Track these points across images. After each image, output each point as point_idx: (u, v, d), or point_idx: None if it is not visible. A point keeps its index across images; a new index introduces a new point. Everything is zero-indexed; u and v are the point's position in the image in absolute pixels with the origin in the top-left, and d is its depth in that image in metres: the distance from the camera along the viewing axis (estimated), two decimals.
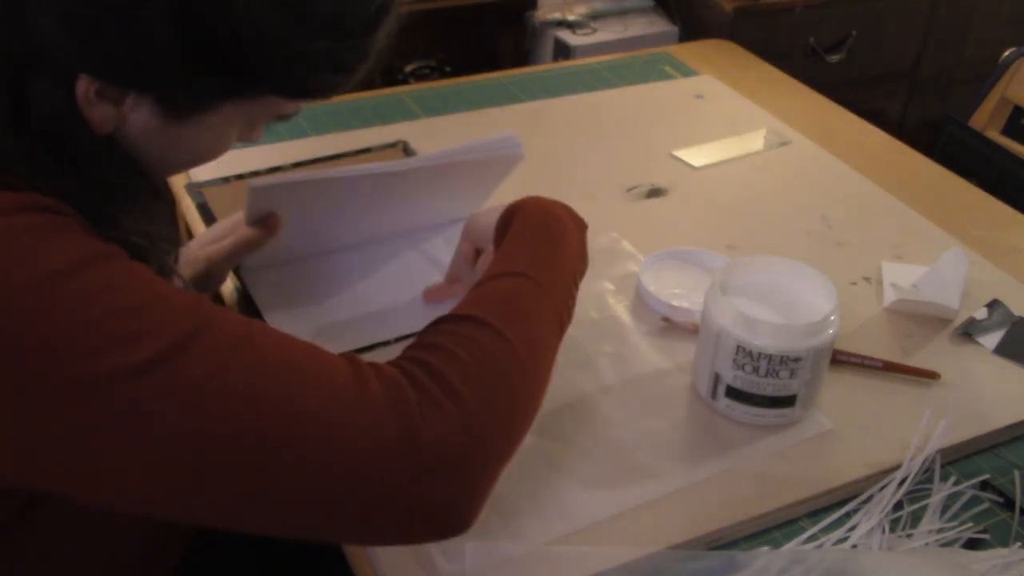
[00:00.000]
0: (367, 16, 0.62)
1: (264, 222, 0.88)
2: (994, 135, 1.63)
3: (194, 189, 1.07)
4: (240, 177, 1.11)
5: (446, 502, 0.57)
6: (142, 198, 0.64)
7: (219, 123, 0.63)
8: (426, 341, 0.63)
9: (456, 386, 0.58)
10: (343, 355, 0.59)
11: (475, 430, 0.58)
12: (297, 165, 1.15)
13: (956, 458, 0.82)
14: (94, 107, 0.59)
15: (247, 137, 0.70)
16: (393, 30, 0.66)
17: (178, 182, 1.12)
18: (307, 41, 0.59)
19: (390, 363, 0.60)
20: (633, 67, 1.47)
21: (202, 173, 1.11)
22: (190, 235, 1.02)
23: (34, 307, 0.51)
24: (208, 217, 1.03)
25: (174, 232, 0.71)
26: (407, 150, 1.19)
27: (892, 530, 0.75)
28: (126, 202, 0.62)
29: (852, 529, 0.75)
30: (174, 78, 0.58)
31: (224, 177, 1.11)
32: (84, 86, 0.57)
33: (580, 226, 0.81)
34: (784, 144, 1.27)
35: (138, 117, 0.61)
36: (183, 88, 0.59)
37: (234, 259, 0.89)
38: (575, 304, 0.74)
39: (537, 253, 0.73)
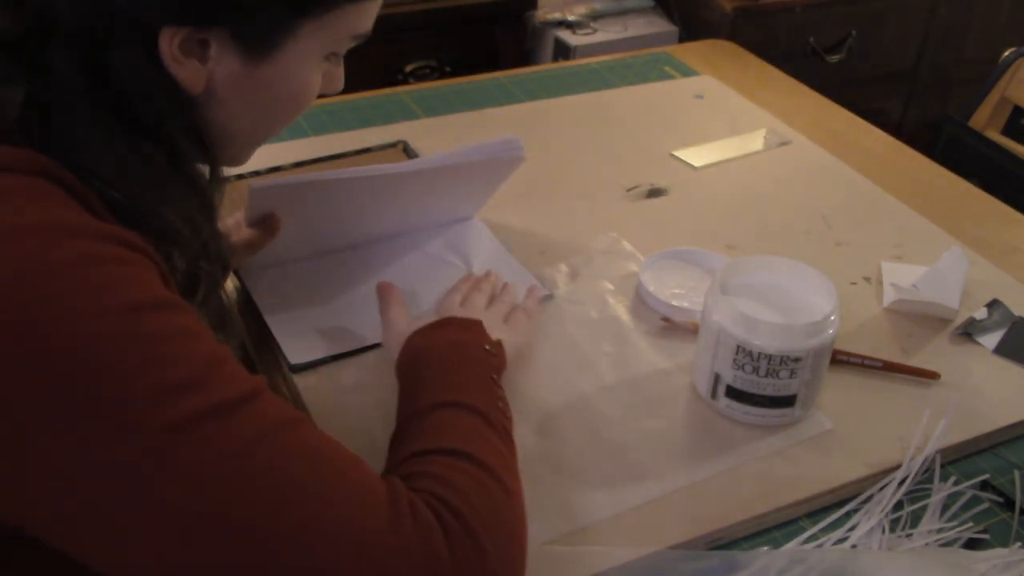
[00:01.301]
0: None
1: (264, 223, 0.88)
2: (994, 135, 1.63)
3: None
4: (240, 177, 1.11)
5: None
6: (203, 188, 0.65)
7: (299, 57, 0.63)
8: (437, 477, 0.59)
9: (480, 535, 0.56)
10: (386, 478, 0.57)
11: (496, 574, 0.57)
12: (297, 165, 1.15)
13: (956, 458, 0.82)
14: (182, 65, 0.59)
15: (329, 86, 0.70)
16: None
17: None
18: None
19: (416, 495, 0.57)
20: (633, 67, 1.47)
21: None
22: None
23: (110, 333, 0.49)
24: None
25: (220, 244, 0.69)
26: (407, 150, 1.19)
27: (892, 530, 0.75)
28: (192, 190, 0.62)
29: (852, 529, 0.75)
30: (245, 1, 0.59)
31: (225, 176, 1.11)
32: (167, 42, 0.57)
33: (471, 328, 0.78)
34: (784, 144, 1.27)
35: (224, 68, 0.61)
36: (255, 10, 0.60)
37: (235, 261, 0.89)
38: (508, 409, 0.72)
39: (453, 382, 0.71)
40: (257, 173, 1.12)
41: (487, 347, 0.76)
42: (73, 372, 0.48)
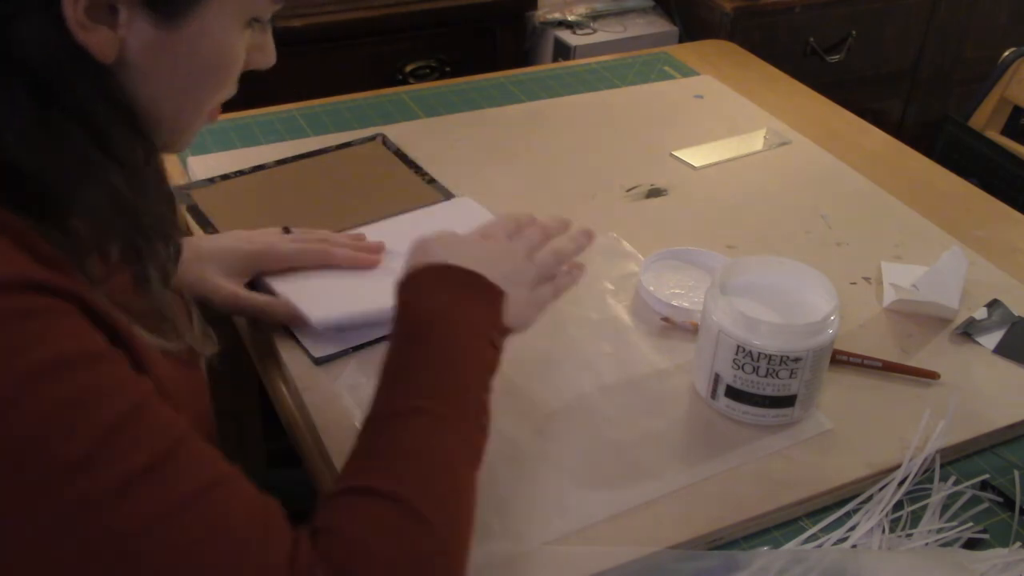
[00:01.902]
0: None
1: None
2: (994, 135, 1.64)
3: (181, 192, 1.07)
4: (225, 177, 1.11)
5: None
6: (132, 161, 0.60)
7: (216, 18, 0.60)
8: (362, 540, 0.57)
9: None
10: (296, 543, 0.55)
11: None
12: (280, 163, 1.15)
13: (956, 458, 0.82)
14: (90, 31, 0.55)
15: (260, 61, 0.67)
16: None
17: None
18: None
19: (321, 555, 0.55)
20: (633, 67, 1.47)
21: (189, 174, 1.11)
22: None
23: (14, 397, 0.48)
24: (200, 219, 1.03)
25: (170, 215, 0.66)
26: (386, 143, 1.20)
27: (892, 530, 0.75)
28: (116, 164, 0.58)
29: (852, 529, 0.75)
30: None
31: (210, 178, 1.11)
32: (71, 7, 0.53)
33: (494, 304, 0.71)
34: (784, 144, 1.27)
35: (136, 34, 0.57)
36: None
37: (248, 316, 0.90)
38: (488, 410, 0.68)
39: (433, 373, 0.66)
40: (241, 173, 1.12)
41: (495, 336, 0.70)
42: None
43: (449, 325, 0.68)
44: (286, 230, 0.96)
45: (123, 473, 0.50)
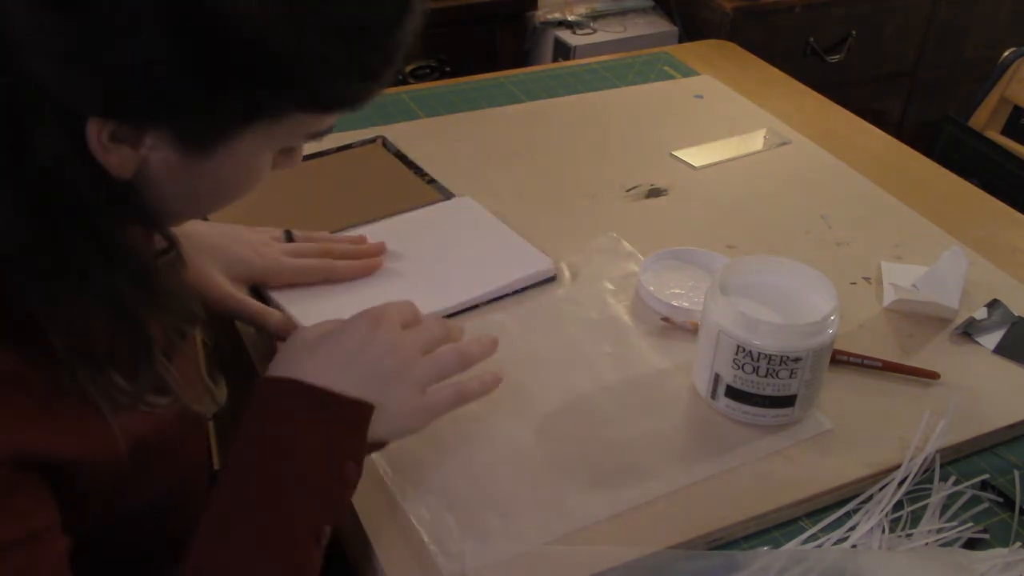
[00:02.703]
0: (388, 16, 0.55)
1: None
2: (994, 135, 1.64)
3: None
4: None
5: None
6: (138, 266, 0.57)
7: (247, 151, 0.57)
8: None
9: None
10: None
11: None
12: None
13: (956, 458, 0.82)
14: (110, 152, 0.53)
15: (284, 164, 0.64)
16: (419, 28, 0.58)
17: None
18: (323, 47, 0.52)
19: None
20: (633, 67, 1.47)
21: None
22: None
23: None
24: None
25: (184, 293, 0.62)
26: (386, 145, 1.20)
27: (892, 530, 0.75)
28: (119, 261, 0.56)
29: (852, 529, 0.75)
30: (186, 105, 0.52)
31: None
32: (96, 130, 0.51)
33: (354, 427, 0.64)
34: (784, 144, 1.27)
35: (159, 157, 0.55)
36: (199, 115, 0.53)
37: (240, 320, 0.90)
38: (326, 533, 0.63)
39: (260, 527, 0.61)
40: None
41: (349, 463, 0.64)
42: None
43: (287, 460, 0.62)
44: (288, 235, 0.96)
45: None
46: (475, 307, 0.94)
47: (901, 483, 0.78)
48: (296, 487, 0.62)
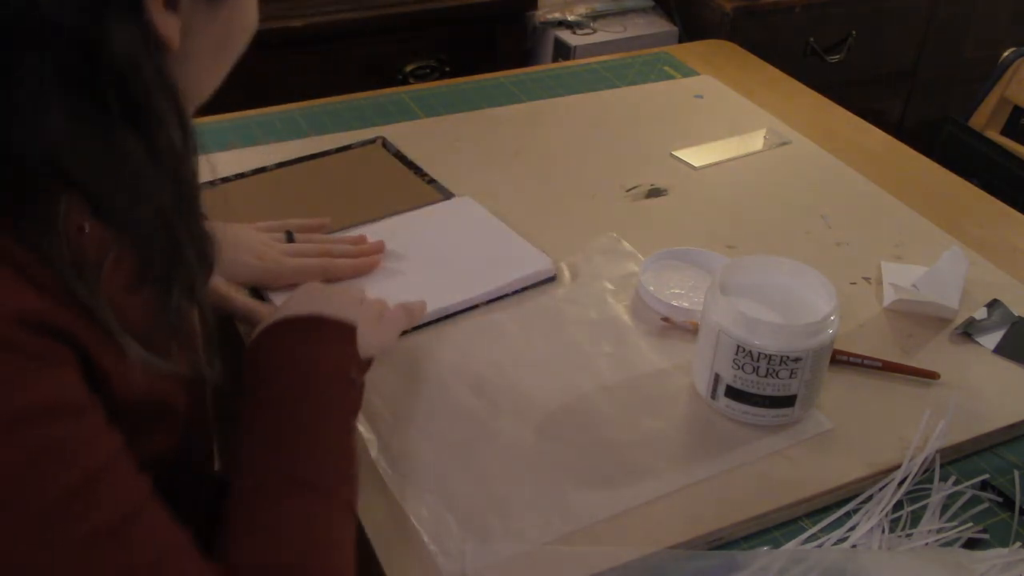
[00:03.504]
0: None
1: None
2: (994, 135, 1.64)
3: None
4: (225, 180, 1.11)
5: None
6: (182, 176, 0.58)
7: None
8: None
9: None
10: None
11: None
12: (280, 165, 1.15)
13: (956, 458, 0.82)
14: (164, 20, 0.53)
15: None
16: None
17: None
18: None
19: None
20: (633, 67, 1.47)
21: None
22: None
23: None
24: None
25: (206, 234, 0.63)
26: (386, 145, 1.20)
27: (892, 530, 0.75)
28: (167, 179, 0.56)
29: (852, 529, 0.75)
30: None
31: (210, 180, 1.10)
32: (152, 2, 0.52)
33: (342, 338, 0.73)
34: (784, 144, 1.27)
35: (191, 14, 0.56)
36: None
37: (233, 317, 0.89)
38: (355, 456, 0.69)
39: (297, 437, 0.66)
40: (241, 175, 1.12)
41: (352, 374, 0.71)
42: None
43: (301, 375, 0.69)
44: (289, 236, 0.96)
45: (84, 533, 0.50)
46: (475, 307, 0.94)
47: (901, 483, 0.78)
48: (319, 389, 0.69)
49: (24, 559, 0.49)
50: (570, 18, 1.98)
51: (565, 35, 1.95)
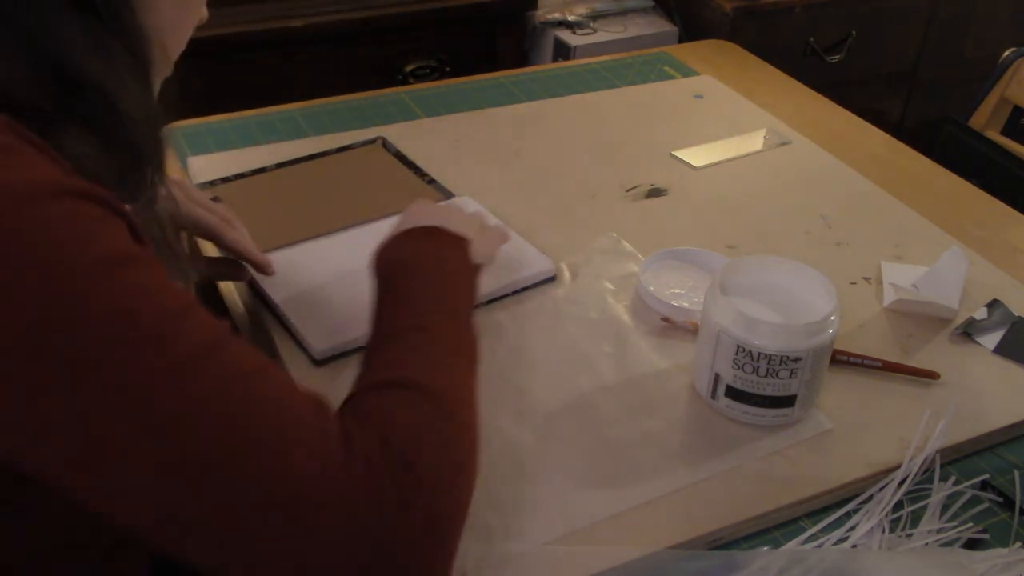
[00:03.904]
0: None
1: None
2: (994, 135, 1.64)
3: None
4: (225, 180, 1.11)
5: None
6: (147, 79, 0.64)
7: None
8: (392, 416, 0.61)
9: (420, 468, 0.58)
10: (341, 419, 0.59)
11: (436, 507, 0.58)
12: (280, 166, 1.15)
13: (956, 458, 0.82)
14: None
15: None
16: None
17: None
18: None
19: (369, 433, 0.58)
20: (633, 67, 1.47)
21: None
22: None
23: (85, 286, 0.52)
24: None
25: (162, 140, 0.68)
26: (386, 145, 1.20)
27: (892, 530, 0.75)
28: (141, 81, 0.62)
29: (852, 529, 0.75)
30: None
31: (210, 181, 1.11)
32: None
33: (459, 246, 0.80)
34: (784, 144, 1.27)
35: None
36: None
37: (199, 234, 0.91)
38: (477, 331, 0.74)
39: (423, 299, 0.73)
40: (241, 176, 1.12)
41: (469, 272, 0.79)
42: (54, 323, 0.51)
43: (426, 266, 0.76)
44: (215, 200, 0.95)
45: (187, 351, 0.53)
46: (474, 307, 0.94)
47: (901, 483, 0.78)
48: (445, 279, 0.75)
49: (133, 381, 0.52)
50: (570, 18, 1.98)
51: (565, 35, 1.95)
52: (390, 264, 0.77)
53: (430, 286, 0.74)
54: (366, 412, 0.61)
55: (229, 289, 0.99)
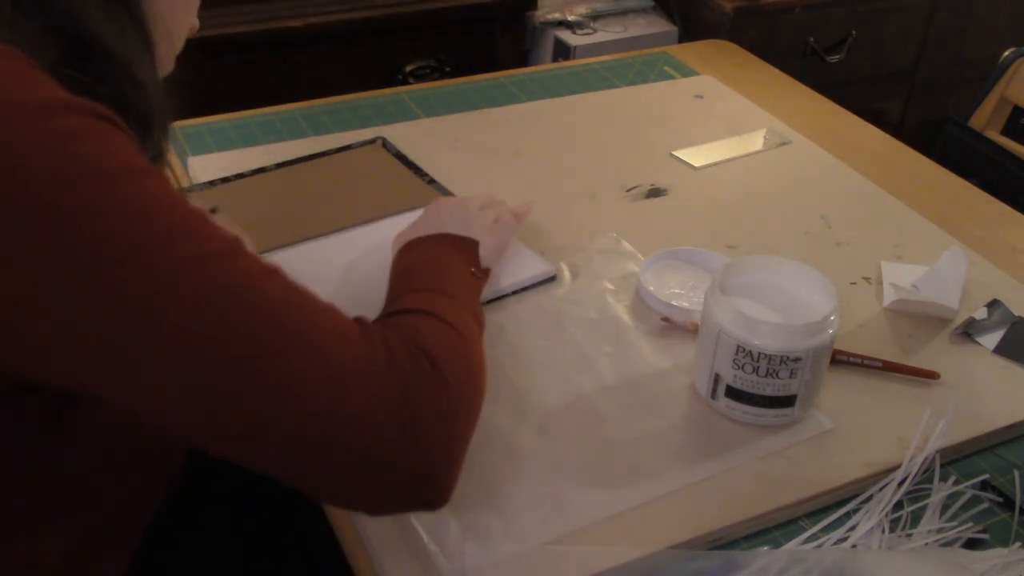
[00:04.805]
0: None
1: None
2: (994, 135, 1.63)
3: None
4: (225, 180, 1.11)
5: (430, 460, 0.61)
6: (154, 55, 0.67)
7: None
8: (406, 323, 0.68)
9: (441, 366, 0.63)
10: (358, 318, 0.64)
11: (455, 403, 0.63)
12: (280, 166, 1.15)
13: (956, 458, 0.82)
14: None
15: None
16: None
17: None
18: None
19: (389, 332, 0.64)
20: (633, 67, 1.47)
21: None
22: None
23: (109, 186, 0.53)
24: None
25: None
26: (386, 145, 1.20)
27: (892, 530, 0.75)
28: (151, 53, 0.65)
29: (852, 529, 0.75)
30: None
31: (210, 181, 1.11)
32: None
33: (469, 250, 0.86)
34: (784, 144, 1.27)
35: None
36: None
37: None
38: (482, 315, 0.80)
39: (434, 281, 0.78)
40: (241, 176, 1.12)
41: (473, 270, 0.83)
42: (82, 227, 0.52)
43: (437, 263, 0.81)
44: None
45: (215, 248, 0.56)
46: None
47: (901, 483, 0.78)
48: (451, 274, 0.80)
49: (152, 280, 0.54)
50: (570, 18, 1.98)
51: (565, 35, 1.95)
52: (399, 268, 0.82)
53: (442, 277, 0.79)
54: (395, 324, 0.67)
55: None
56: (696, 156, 1.23)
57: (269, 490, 0.72)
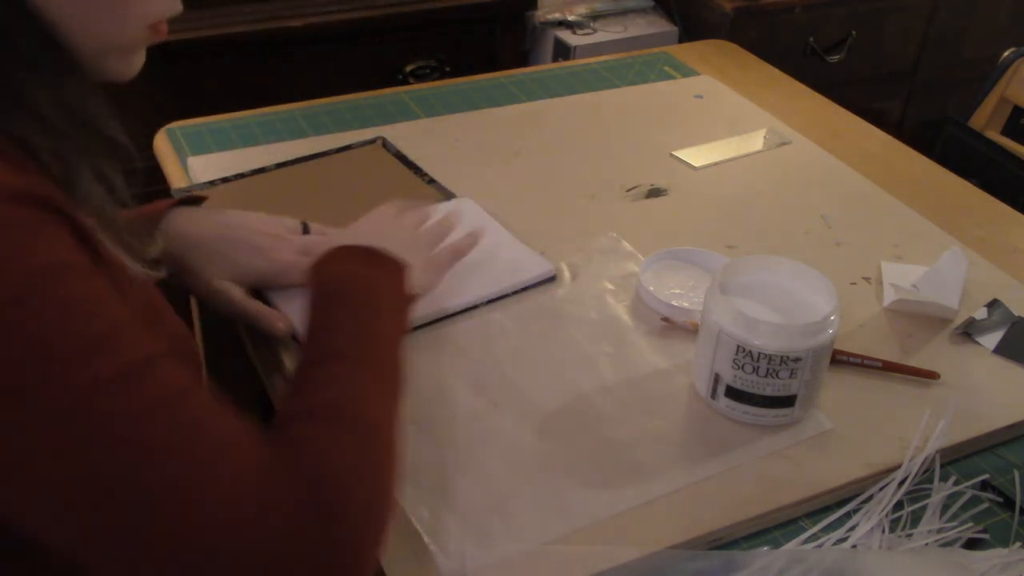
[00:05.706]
0: None
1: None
2: (994, 135, 1.63)
3: (180, 195, 1.07)
4: (225, 180, 1.11)
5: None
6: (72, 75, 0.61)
7: None
8: (317, 447, 0.60)
9: (342, 501, 0.58)
10: (269, 447, 0.58)
11: (352, 543, 0.58)
12: (280, 166, 1.15)
13: (956, 458, 0.82)
14: None
15: None
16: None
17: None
18: None
19: (289, 465, 0.58)
20: (633, 67, 1.47)
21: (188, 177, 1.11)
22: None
23: (16, 297, 0.51)
24: None
25: (114, 135, 0.65)
26: (386, 146, 1.20)
27: (892, 530, 0.75)
28: (65, 75, 0.60)
29: (852, 529, 0.75)
30: None
31: (210, 181, 1.11)
32: None
33: (396, 272, 0.79)
34: (784, 144, 1.27)
35: None
36: None
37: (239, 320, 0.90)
38: (402, 359, 0.73)
39: (351, 325, 0.71)
40: (241, 175, 1.12)
41: (401, 301, 0.77)
42: None
43: (360, 289, 0.75)
44: (305, 228, 0.95)
45: (109, 372, 0.53)
46: (474, 307, 0.94)
47: (901, 483, 0.78)
48: (375, 302, 0.75)
49: (57, 397, 0.51)
50: (570, 18, 1.98)
51: (565, 35, 1.95)
52: (323, 283, 0.75)
53: (358, 313, 0.72)
54: (290, 441, 0.60)
55: None
56: (696, 156, 1.23)
57: None
